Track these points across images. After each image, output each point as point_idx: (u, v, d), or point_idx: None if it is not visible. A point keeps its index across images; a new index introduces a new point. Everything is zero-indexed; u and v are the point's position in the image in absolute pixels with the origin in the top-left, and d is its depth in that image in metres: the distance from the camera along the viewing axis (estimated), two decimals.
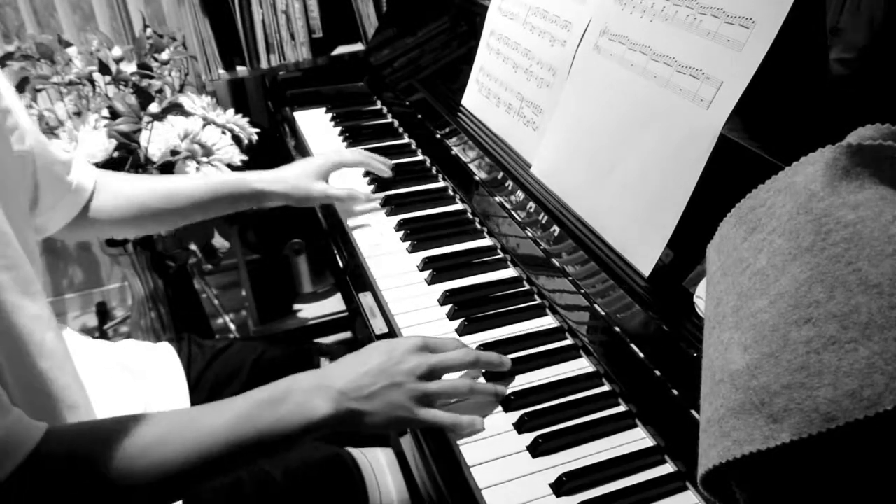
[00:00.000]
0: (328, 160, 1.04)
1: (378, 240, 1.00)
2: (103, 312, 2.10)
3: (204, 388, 0.90)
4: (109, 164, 1.28)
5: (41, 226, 0.82)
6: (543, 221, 0.88)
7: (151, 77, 1.46)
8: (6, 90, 0.70)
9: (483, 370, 0.75)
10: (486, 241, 0.99)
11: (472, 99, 1.15)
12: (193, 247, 1.54)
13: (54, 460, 0.55)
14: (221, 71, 1.59)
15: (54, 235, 0.88)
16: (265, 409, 0.62)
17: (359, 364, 0.66)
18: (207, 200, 0.95)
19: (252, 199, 0.98)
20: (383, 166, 1.09)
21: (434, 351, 0.70)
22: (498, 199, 0.98)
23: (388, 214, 1.06)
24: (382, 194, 1.10)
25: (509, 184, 0.96)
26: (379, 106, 1.46)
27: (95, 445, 0.57)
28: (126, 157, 1.29)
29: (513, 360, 0.75)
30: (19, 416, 0.54)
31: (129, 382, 0.82)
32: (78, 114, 1.35)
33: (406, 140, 1.30)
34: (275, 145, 1.59)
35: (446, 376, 0.70)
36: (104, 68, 1.39)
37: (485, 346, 0.77)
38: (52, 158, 0.79)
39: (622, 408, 0.71)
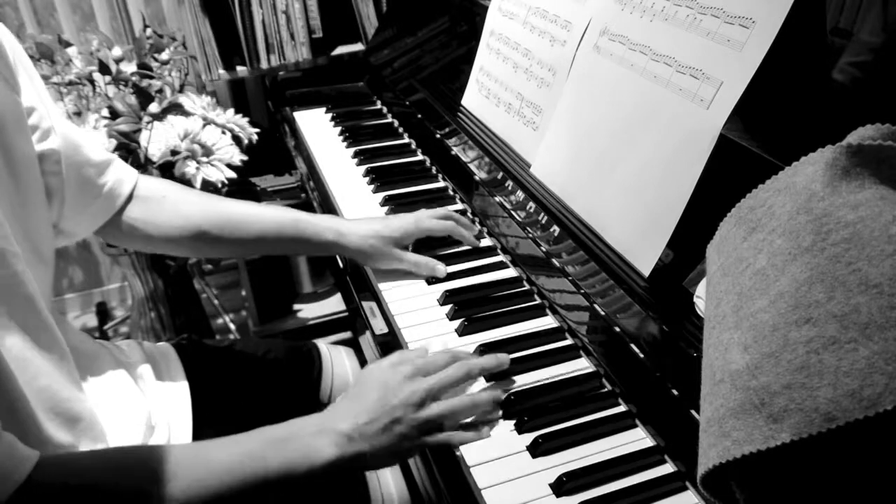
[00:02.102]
0: (416, 227, 0.92)
1: None
2: (103, 312, 2.10)
3: (205, 389, 0.90)
4: None
5: (69, 230, 0.79)
6: (543, 221, 0.88)
7: (151, 77, 1.46)
8: (30, 90, 0.69)
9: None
10: (486, 241, 0.99)
11: (472, 99, 1.15)
12: None
13: (49, 492, 0.53)
14: (221, 71, 1.59)
15: (118, 243, 0.85)
16: (272, 450, 0.62)
17: (357, 403, 0.67)
18: (272, 237, 0.87)
19: (321, 248, 0.90)
20: (471, 235, 0.97)
21: (427, 372, 0.69)
22: (498, 199, 0.98)
23: (389, 214, 1.06)
24: (383, 194, 1.10)
25: (509, 184, 0.96)
26: (379, 106, 1.46)
27: (98, 476, 0.56)
28: (126, 158, 1.29)
29: (513, 360, 0.75)
30: (11, 443, 0.53)
31: (130, 384, 0.82)
32: (78, 114, 1.35)
33: (406, 140, 1.30)
34: (275, 145, 1.59)
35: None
36: (104, 68, 1.39)
37: (485, 346, 0.77)
38: (82, 160, 0.76)
39: (622, 408, 0.71)
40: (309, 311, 1.96)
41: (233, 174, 1.35)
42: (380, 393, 0.67)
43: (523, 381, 0.74)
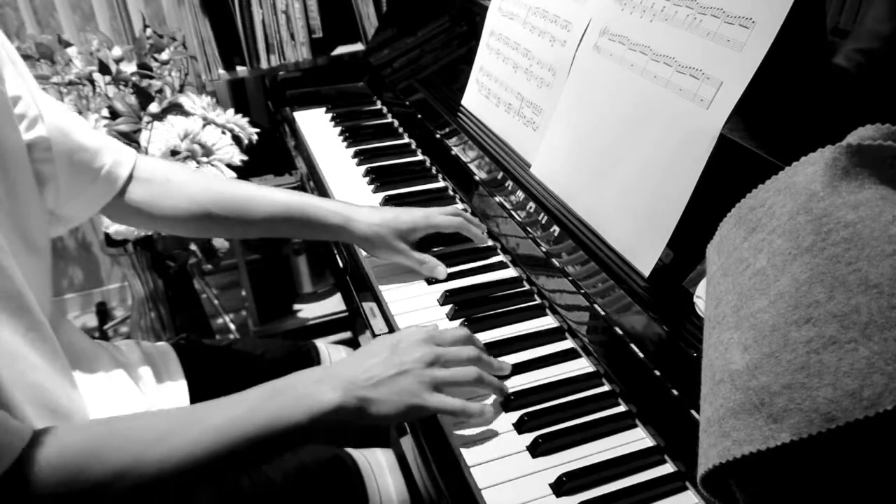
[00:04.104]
0: (425, 221, 0.91)
1: None
2: (103, 312, 2.10)
3: (204, 389, 0.90)
4: None
5: (69, 215, 0.79)
6: (543, 221, 0.88)
7: (151, 77, 1.46)
8: (15, 79, 0.68)
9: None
10: (486, 241, 0.99)
11: (472, 99, 1.15)
12: (193, 247, 1.54)
13: (45, 463, 0.53)
14: (221, 71, 1.59)
15: (122, 223, 0.85)
16: (270, 401, 0.61)
17: (365, 356, 0.66)
18: (279, 219, 0.87)
19: (327, 232, 0.90)
20: (479, 233, 0.96)
21: (439, 342, 0.69)
22: (498, 199, 0.98)
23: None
24: (383, 194, 1.10)
25: (509, 184, 0.96)
26: (379, 106, 1.46)
27: (93, 443, 0.56)
28: None
29: (513, 360, 0.75)
30: (3, 419, 0.53)
31: (129, 383, 0.82)
32: (78, 114, 1.35)
33: (406, 140, 1.30)
34: (275, 145, 1.59)
35: None
36: (104, 68, 1.39)
37: (485, 347, 0.77)
38: (74, 145, 0.75)
39: (622, 408, 0.71)
40: (309, 311, 1.96)
41: (233, 174, 1.35)
42: (390, 350, 0.67)
43: (523, 380, 0.74)
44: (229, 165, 1.36)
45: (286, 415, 0.60)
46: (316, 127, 1.39)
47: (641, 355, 0.68)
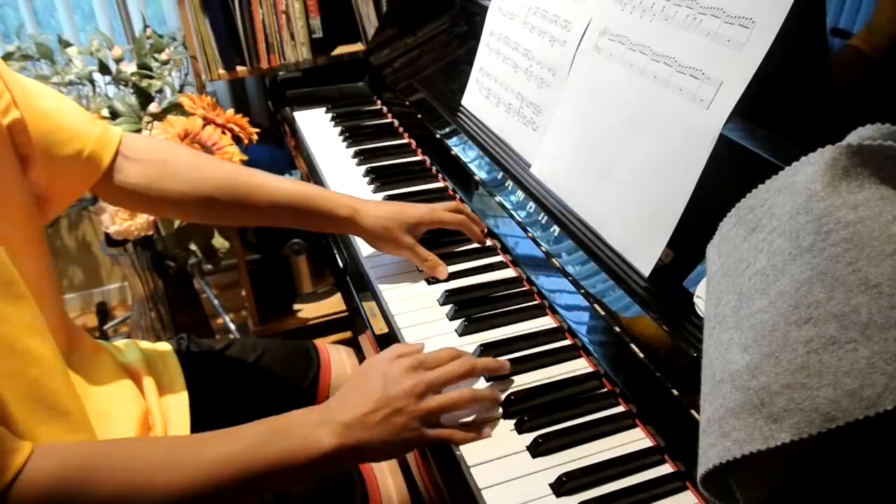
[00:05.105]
0: (430, 216, 0.91)
1: None
2: (103, 312, 2.10)
3: (204, 389, 0.90)
4: None
5: (57, 197, 0.76)
6: (543, 221, 0.88)
7: (151, 77, 1.46)
8: None
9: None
10: (486, 241, 0.99)
11: (472, 99, 1.15)
12: (193, 247, 1.54)
13: (44, 482, 0.53)
14: (221, 71, 1.59)
15: (119, 205, 0.83)
16: (272, 441, 0.62)
17: (358, 394, 0.66)
18: (284, 208, 0.86)
19: (333, 224, 0.89)
20: (479, 231, 0.96)
21: (429, 365, 0.69)
22: (498, 199, 0.98)
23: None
24: (383, 194, 1.10)
25: (509, 184, 0.96)
26: (379, 106, 1.46)
27: (93, 465, 0.56)
28: None
29: (513, 360, 0.75)
30: (3, 435, 0.52)
31: (129, 384, 0.82)
32: None
33: (406, 140, 1.30)
34: (275, 145, 1.60)
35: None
36: (104, 68, 1.39)
37: (485, 347, 0.77)
38: (52, 126, 0.72)
39: (622, 408, 0.71)
40: (309, 311, 1.96)
41: None
42: (381, 384, 0.66)
43: (523, 381, 0.74)
44: None
45: (285, 456, 0.61)
46: (316, 127, 1.39)
47: (641, 355, 0.68)
